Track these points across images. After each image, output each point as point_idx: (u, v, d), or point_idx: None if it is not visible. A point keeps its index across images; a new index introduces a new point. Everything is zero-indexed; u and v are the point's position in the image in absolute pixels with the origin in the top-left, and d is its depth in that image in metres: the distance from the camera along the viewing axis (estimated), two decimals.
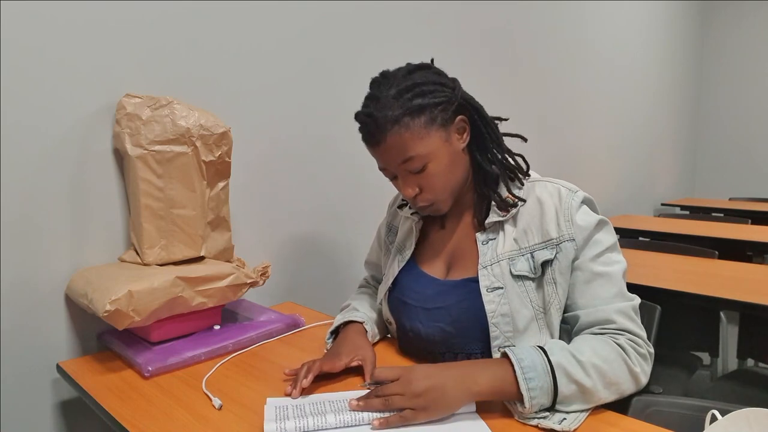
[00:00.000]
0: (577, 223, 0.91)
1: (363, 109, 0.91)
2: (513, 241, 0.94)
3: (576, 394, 0.79)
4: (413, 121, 0.87)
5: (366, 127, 0.90)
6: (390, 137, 0.88)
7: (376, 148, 0.91)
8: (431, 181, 0.92)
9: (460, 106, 0.93)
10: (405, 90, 0.88)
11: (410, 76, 0.91)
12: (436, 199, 0.94)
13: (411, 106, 0.87)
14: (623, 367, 0.82)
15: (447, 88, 0.92)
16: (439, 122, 0.90)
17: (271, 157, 1.53)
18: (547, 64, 2.76)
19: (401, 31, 1.88)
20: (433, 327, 0.98)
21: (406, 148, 0.88)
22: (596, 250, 0.91)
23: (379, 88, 0.91)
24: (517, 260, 0.92)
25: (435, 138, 0.89)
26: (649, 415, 0.91)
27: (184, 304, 1.08)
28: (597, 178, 3.36)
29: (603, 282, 0.89)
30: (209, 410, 0.87)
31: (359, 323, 1.08)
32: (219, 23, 1.37)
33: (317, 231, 1.68)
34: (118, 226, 1.22)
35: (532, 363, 0.79)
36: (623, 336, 0.85)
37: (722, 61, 4.79)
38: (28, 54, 1.06)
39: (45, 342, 1.13)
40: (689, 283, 1.67)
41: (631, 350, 0.84)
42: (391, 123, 0.87)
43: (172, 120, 1.14)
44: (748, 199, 4.11)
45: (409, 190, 0.93)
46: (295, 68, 1.56)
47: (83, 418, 1.19)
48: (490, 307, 0.91)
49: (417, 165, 0.90)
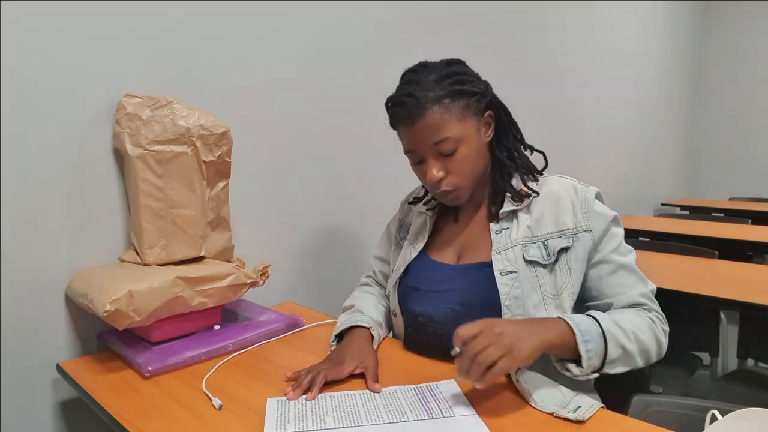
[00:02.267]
0: (595, 216, 0.97)
1: (401, 92, 0.95)
2: (527, 228, 0.99)
3: (620, 357, 0.87)
4: (453, 104, 0.93)
5: (405, 106, 0.93)
6: (429, 115, 0.92)
7: (412, 127, 0.93)
8: (459, 165, 0.95)
9: (490, 102, 1.00)
10: (446, 76, 0.94)
11: (449, 67, 0.97)
12: (460, 185, 0.97)
13: (452, 90, 0.93)
14: (653, 337, 0.92)
15: (482, 83, 1.00)
16: (473, 110, 0.96)
17: (271, 157, 1.53)
18: (546, 64, 2.76)
19: (401, 32, 1.88)
20: (444, 308, 1.00)
21: (443, 128, 0.92)
22: (615, 243, 0.98)
23: (417, 74, 0.95)
24: (530, 247, 0.97)
25: (469, 124, 0.95)
26: (649, 415, 0.91)
27: (184, 304, 1.08)
28: (597, 178, 3.36)
29: (625, 272, 0.97)
30: (209, 410, 0.87)
31: (365, 328, 1.07)
32: (219, 23, 1.37)
33: (317, 231, 1.68)
34: (118, 226, 1.22)
35: (588, 327, 0.85)
36: (652, 313, 0.96)
37: (722, 61, 4.79)
38: (28, 54, 1.06)
39: (45, 342, 1.13)
40: (689, 283, 1.67)
41: (659, 324, 0.95)
42: (431, 102, 0.92)
43: (172, 120, 1.14)
44: (748, 199, 4.11)
45: (435, 173, 0.96)
46: (295, 68, 1.56)
47: (83, 418, 1.19)
48: (503, 289, 0.95)
49: (450, 147, 0.93)
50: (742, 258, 2.35)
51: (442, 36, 2.07)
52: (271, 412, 0.82)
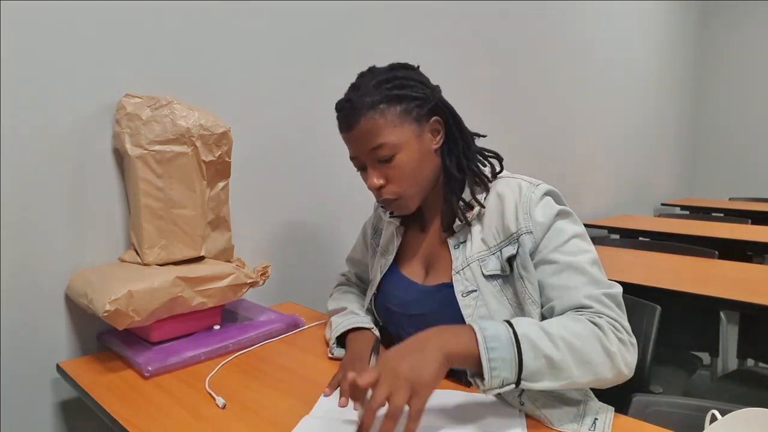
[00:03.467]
0: (535, 214, 0.89)
1: (343, 97, 0.93)
2: (481, 242, 0.93)
3: (544, 368, 0.72)
4: (389, 109, 0.89)
5: (343, 112, 0.92)
6: (364, 121, 0.89)
7: (350, 133, 0.92)
8: (398, 173, 0.91)
9: (436, 108, 0.94)
10: (385, 81, 0.90)
11: (393, 71, 0.93)
12: (402, 193, 0.93)
13: (389, 94, 0.89)
14: (597, 345, 0.75)
15: (426, 88, 0.93)
16: (413, 116, 0.91)
17: (271, 157, 1.53)
18: (546, 64, 2.76)
19: (401, 32, 1.88)
20: None
21: (377, 135, 0.89)
22: (560, 239, 0.87)
23: (361, 79, 0.94)
24: (488, 260, 0.92)
25: (407, 130, 0.90)
26: (649, 415, 0.91)
27: (184, 304, 1.08)
28: (597, 178, 3.36)
29: (571, 272, 0.84)
30: (209, 410, 0.87)
31: (368, 329, 1.06)
32: (219, 23, 1.37)
33: (317, 231, 1.68)
34: (118, 226, 1.22)
35: (496, 333, 0.73)
36: (602, 318, 0.79)
37: (722, 62, 4.79)
38: (28, 54, 1.06)
39: (45, 342, 1.13)
40: (689, 283, 1.67)
41: (610, 331, 0.77)
42: (366, 108, 0.89)
43: (172, 120, 1.14)
44: (748, 199, 4.11)
45: (375, 180, 0.92)
46: (295, 68, 1.56)
47: (83, 418, 1.19)
48: (467, 311, 0.90)
49: (386, 153, 0.90)
50: (742, 258, 2.36)
51: (438, 40, 2.07)
52: None
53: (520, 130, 2.61)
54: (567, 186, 3.05)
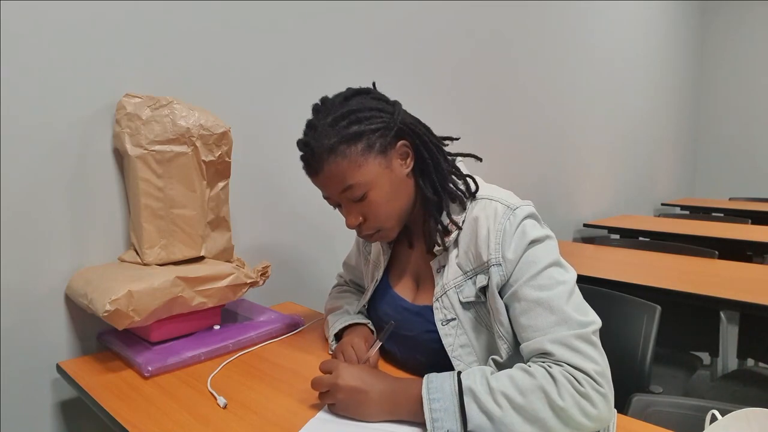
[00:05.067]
0: (507, 246, 0.83)
1: (302, 137, 0.90)
2: (457, 267, 0.90)
3: (486, 424, 0.70)
4: (350, 149, 0.85)
5: (304, 157, 0.89)
6: (327, 167, 0.86)
7: (316, 178, 0.90)
8: (373, 210, 0.89)
9: (400, 131, 0.89)
10: (341, 117, 0.86)
11: (346, 103, 0.88)
12: (381, 226, 0.91)
13: (347, 133, 0.85)
14: (542, 401, 0.70)
15: (385, 113, 0.88)
16: (377, 149, 0.87)
17: (271, 156, 1.53)
18: (546, 64, 2.76)
19: (401, 32, 1.88)
20: (408, 355, 0.98)
21: (344, 177, 0.86)
22: (531, 271, 0.80)
23: (317, 115, 0.89)
24: (464, 286, 0.89)
25: (374, 165, 0.86)
26: (649, 415, 0.91)
27: (184, 304, 1.08)
28: (597, 178, 3.37)
29: (541, 310, 0.77)
30: (209, 410, 0.87)
31: (363, 324, 1.07)
32: (219, 23, 1.37)
33: (317, 231, 1.68)
34: (118, 226, 1.22)
35: (440, 384, 0.74)
36: (560, 368, 0.72)
37: (722, 62, 4.79)
38: (28, 54, 1.06)
39: (45, 342, 1.13)
40: (689, 283, 1.68)
41: (565, 384, 0.70)
42: (327, 152, 0.85)
43: (172, 120, 1.14)
44: (748, 199, 4.11)
45: (352, 219, 0.91)
46: (295, 68, 1.56)
47: (83, 418, 1.19)
48: (447, 340, 0.89)
49: (357, 193, 0.87)
50: (742, 258, 2.36)
51: (438, 40, 2.07)
52: None
53: (520, 131, 2.61)
54: (567, 186, 3.05)
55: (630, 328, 1.23)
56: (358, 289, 1.27)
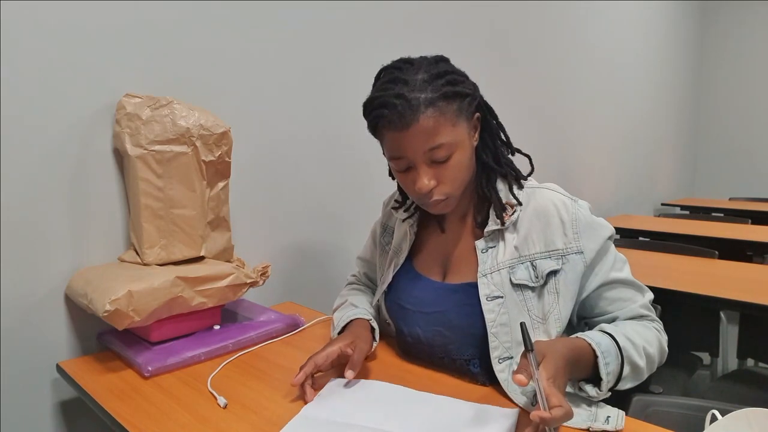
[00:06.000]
0: (587, 235, 0.92)
1: (387, 92, 0.84)
2: (514, 249, 0.92)
3: (630, 374, 0.85)
4: (448, 107, 0.84)
5: (395, 109, 0.82)
6: (423, 120, 0.82)
7: (404, 132, 0.83)
8: (452, 173, 0.88)
9: (478, 104, 0.91)
10: (437, 76, 0.85)
11: (438, 65, 0.88)
12: (452, 193, 0.90)
13: (446, 91, 0.84)
14: (659, 349, 0.91)
15: (471, 83, 0.91)
16: (466, 113, 0.88)
17: (271, 156, 1.53)
18: (546, 63, 2.76)
19: (400, 31, 1.88)
20: (432, 331, 0.97)
21: (438, 133, 0.83)
22: (610, 261, 0.94)
23: (404, 72, 0.85)
24: (517, 269, 0.91)
25: (463, 128, 0.87)
26: (649, 415, 0.91)
27: (184, 304, 1.08)
28: (597, 178, 3.36)
29: (624, 286, 0.94)
30: (209, 410, 0.87)
31: (365, 320, 1.06)
32: (219, 23, 1.37)
33: (317, 231, 1.68)
34: (118, 226, 1.22)
35: (608, 348, 0.82)
36: (655, 323, 0.94)
37: (722, 61, 4.79)
38: (29, 54, 1.06)
39: (45, 342, 1.13)
40: (689, 283, 1.67)
41: (663, 335, 0.94)
42: (425, 105, 0.82)
43: (172, 120, 1.14)
44: (748, 199, 4.11)
45: (426, 182, 0.87)
46: (295, 68, 1.56)
47: (83, 418, 1.19)
48: (489, 316, 0.90)
49: (444, 153, 0.85)
50: (742, 258, 2.36)
51: (437, 40, 2.07)
52: None
53: (520, 130, 2.61)
54: (567, 186, 3.05)
55: None
56: (370, 284, 1.26)
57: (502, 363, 0.89)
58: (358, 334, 0.99)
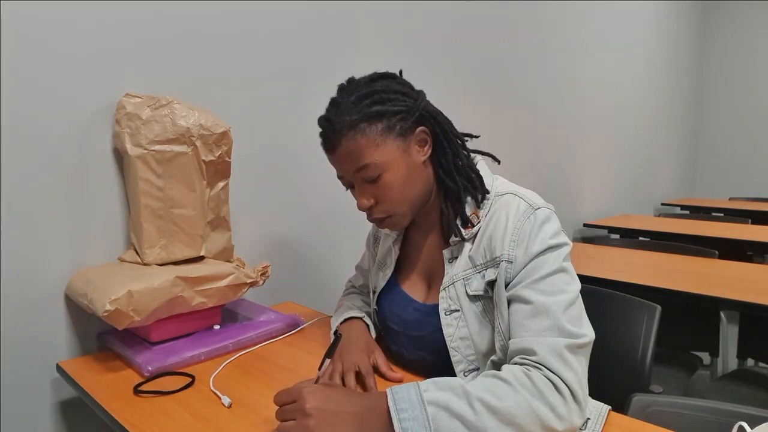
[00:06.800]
0: (525, 243, 0.83)
1: (323, 114, 0.89)
2: (468, 260, 0.90)
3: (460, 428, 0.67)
4: (370, 128, 0.85)
5: (323, 132, 0.88)
6: (345, 143, 0.85)
7: (333, 154, 0.88)
8: (386, 192, 0.88)
9: (421, 117, 0.89)
10: (364, 96, 0.86)
11: (372, 84, 0.88)
12: (393, 211, 0.90)
13: (369, 112, 0.84)
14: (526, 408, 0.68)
15: (409, 98, 0.89)
16: (397, 131, 0.86)
17: (271, 156, 1.53)
18: (546, 64, 2.76)
19: (400, 31, 1.88)
20: (416, 355, 0.98)
21: (361, 155, 0.85)
22: (536, 274, 0.81)
23: (341, 93, 0.89)
24: (472, 279, 0.89)
25: (391, 147, 0.86)
26: (649, 415, 0.91)
27: (184, 304, 1.08)
28: (597, 178, 3.37)
29: (537, 314, 0.78)
30: (209, 410, 0.87)
31: (358, 318, 1.07)
32: (219, 23, 1.37)
33: (317, 231, 1.68)
34: (118, 226, 1.22)
35: (407, 394, 0.70)
36: (539, 371, 0.72)
37: (722, 61, 4.79)
38: (28, 54, 1.06)
39: (45, 342, 1.13)
40: (689, 283, 1.68)
41: (544, 387, 0.70)
42: (347, 128, 0.84)
43: (172, 120, 1.14)
44: (748, 199, 4.11)
45: (364, 201, 0.89)
46: (295, 68, 1.56)
47: (83, 418, 1.19)
48: (447, 330, 0.89)
49: (372, 173, 0.86)
50: (742, 258, 2.36)
51: (437, 42, 2.07)
52: None
53: (520, 131, 2.61)
54: (567, 186, 3.06)
55: (630, 328, 1.23)
56: (366, 293, 1.26)
57: (468, 376, 0.88)
58: (366, 345, 1.00)
